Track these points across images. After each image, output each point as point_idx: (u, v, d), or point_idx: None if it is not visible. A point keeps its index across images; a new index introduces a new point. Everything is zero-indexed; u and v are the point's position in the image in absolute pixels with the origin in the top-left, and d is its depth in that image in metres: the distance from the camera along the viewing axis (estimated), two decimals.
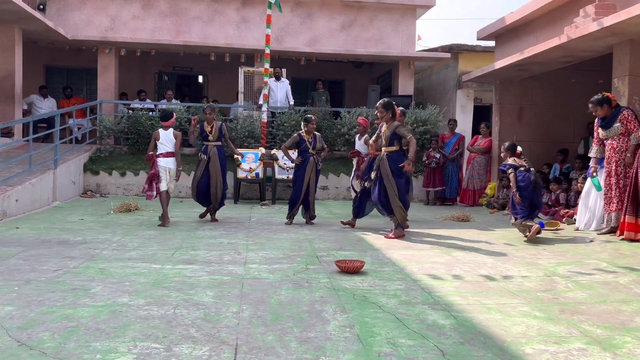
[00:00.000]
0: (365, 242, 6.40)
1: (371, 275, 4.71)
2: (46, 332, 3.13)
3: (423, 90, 15.96)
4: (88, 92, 14.96)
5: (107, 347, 2.93)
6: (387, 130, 6.70)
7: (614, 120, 6.80)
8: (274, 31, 12.23)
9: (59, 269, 4.64)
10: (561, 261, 5.42)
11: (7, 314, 3.43)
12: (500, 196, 10.27)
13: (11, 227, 6.79)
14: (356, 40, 14.10)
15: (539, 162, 10.80)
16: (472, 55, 13.80)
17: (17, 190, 7.87)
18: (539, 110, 11.30)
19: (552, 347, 3.08)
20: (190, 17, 13.62)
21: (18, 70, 11.24)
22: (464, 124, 13.42)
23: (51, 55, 14.31)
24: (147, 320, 3.37)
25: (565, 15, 9.29)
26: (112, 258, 5.16)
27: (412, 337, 3.20)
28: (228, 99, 14.36)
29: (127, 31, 13.32)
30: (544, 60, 9.22)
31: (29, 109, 12.59)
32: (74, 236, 6.27)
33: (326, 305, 3.78)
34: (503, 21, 11.25)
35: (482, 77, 11.31)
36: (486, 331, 3.32)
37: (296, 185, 7.77)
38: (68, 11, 13.18)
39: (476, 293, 4.19)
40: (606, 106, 6.84)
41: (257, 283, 4.36)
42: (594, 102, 6.92)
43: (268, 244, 6.15)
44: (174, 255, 5.35)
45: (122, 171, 11.16)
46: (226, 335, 3.16)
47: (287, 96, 12.54)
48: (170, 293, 3.99)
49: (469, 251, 5.89)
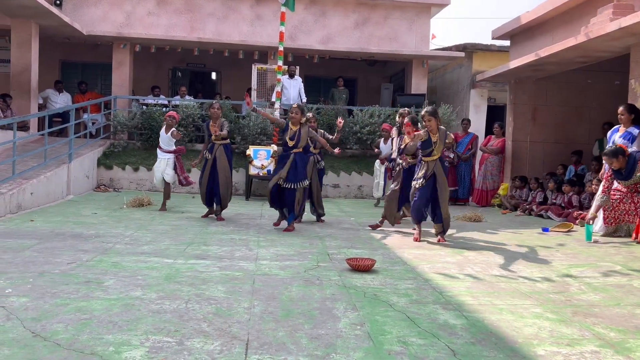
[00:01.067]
0: (376, 241, 6.39)
1: (382, 273, 4.70)
2: (60, 324, 3.16)
3: (436, 89, 15.89)
4: (102, 87, 15.08)
5: (119, 339, 2.96)
6: (440, 136, 6.33)
7: (633, 170, 6.56)
8: (288, 29, 12.24)
9: (73, 262, 4.69)
10: (574, 263, 5.37)
11: (22, 305, 3.47)
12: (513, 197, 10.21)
13: (26, 220, 6.87)
14: (370, 38, 14.07)
15: (553, 163, 10.72)
16: (487, 55, 13.72)
17: (32, 184, 7.96)
18: (553, 110, 11.20)
19: (565, 349, 3.05)
20: (205, 14, 13.67)
21: (34, 65, 11.36)
22: (477, 124, 13.35)
23: (67, 51, 14.44)
24: (159, 314, 3.39)
25: (582, 15, 9.19)
26: (125, 252, 5.21)
27: (423, 336, 3.19)
28: (241, 96, 14.40)
29: (142, 27, 13.40)
30: (559, 60, 9.14)
31: (44, 103, 12.72)
32: (87, 230, 6.33)
33: (337, 303, 3.78)
34: (518, 20, 11.16)
35: (497, 77, 11.24)
36: (498, 332, 3.31)
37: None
38: (84, 7, 13.29)
39: (488, 293, 4.17)
40: (621, 157, 6.53)
41: (268, 279, 4.37)
42: (609, 155, 6.60)
43: (279, 240, 6.17)
44: (186, 250, 5.39)
45: (135, 166, 11.24)
46: (237, 330, 3.18)
47: (300, 94, 12.55)
48: (183, 287, 4.02)
49: (481, 251, 5.86)
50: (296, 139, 6.92)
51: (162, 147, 8.37)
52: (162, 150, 8.37)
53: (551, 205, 9.16)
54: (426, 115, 6.29)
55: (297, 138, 6.92)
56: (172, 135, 8.19)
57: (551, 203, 9.24)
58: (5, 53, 13.30)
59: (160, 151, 8.38)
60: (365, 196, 11.58)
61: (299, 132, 6.94)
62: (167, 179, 8.37)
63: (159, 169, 8.37)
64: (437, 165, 6.35)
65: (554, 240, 6.74)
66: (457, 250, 5.87)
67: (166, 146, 8.34)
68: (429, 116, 6.28)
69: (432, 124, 6.27)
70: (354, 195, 11.64)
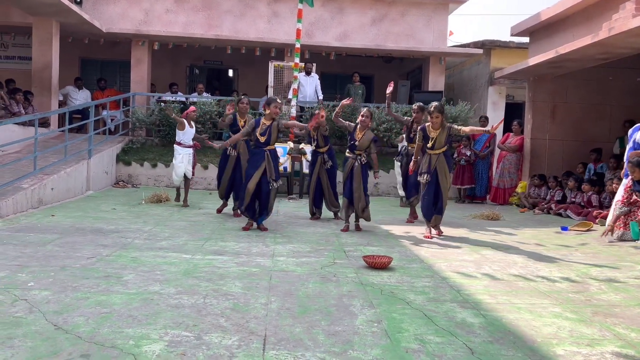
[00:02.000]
0: (392, 238, 6.37)
1: (399, 271, 4.69)
2: (81, 317, 3.21)
3: (454, 87, 15.77)
4: (121, 84, 15.24)
5: (139, 333, 3.00)
6: (442, 132, 6.50)
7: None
8: (305, 26, 12.24)
9: (93, 257, 4.76)
10: (594, 263, 5.30)
11: (43, 298, 3.53)
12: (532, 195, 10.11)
13: (47, 215, 6.98)
14: (387, 35, 14.01)
15: (572, 161, 10.58)
16: (505, 52, 13.58)
17: (53, 179, 8.08)
18: (573, 108, 11.06)
19: (585, 349, 3.02)
20: (222, 11, 13.72)
21: (55, 62, 11.51)
22: (495, 121, 13.16)
23: (86, 48, 14.61)
24: (177, 309, 3.43)
25: (604, 12, 9.04)
26: (144, 247, 5.26)
27: (440, 334, 3.18)
28: (258, 93, 14.44)
29: (160, 24, 13.50)
30: (580, 57, 9.01)
31: (64, 100, 12.89)
32: (107, 225, 6.41)
33: (354, 300, 3.78)
34: (538, 17, 11.02)
35: (515, 74, 11.11)
36: (516, 331, 3.28)
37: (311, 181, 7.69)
38: (103, 4, 13.43)
39: (506, 292, 4.14)
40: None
41: (285, 275, 4.39)
42: (634, 164, 6.51)
43: (295, 237, 6.19)
44: (204, 246, 5.43)
45: (153, 162, 11.34)
46: (255, 325, 3.20)
47: (317, 91, 12.55)
48: (200, 283, 4.05)
49: (499, 250, 5.81)
50: (267, 135, 6.49)
51: (183, 142, 8.42)
52: (183, 146, 8.41)
53: (570, 204, 9.05)
54: (435, 111, 6.42)
55: (268, 133, 6.49)
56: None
57: (570, 202, 9.12)
58: (27, 50, 13.50)
59: (181, 147, 8.42)
60: (381, 194, 11.56)
61: (270, 128, 6.51)
62: (189, 175, 8.53)
63: (181, 164, 8.41)
64: (439, 158, 6.53)
65: (573, 240, 6.67)
66: (474, 249, 5.83)
67: (188, 141, 8.43)
68: (437, 113, 6.41)
69: (437, 120, 6.44)
70: (370, 192, 11.60)
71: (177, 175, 8.51)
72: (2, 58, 14.70)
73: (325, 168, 7.58)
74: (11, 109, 10.11)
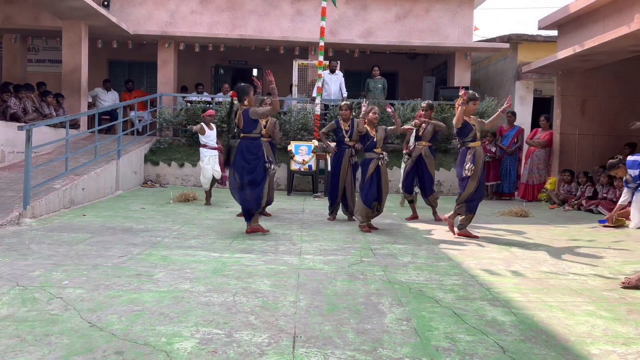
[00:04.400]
0: (420, 236, 6.33)
1: (427, 269, 4.66)
2: (114, 315, 3.28)
3: (480, 82, 15.57)
4: (148, 85, 15.47)
5: (171, 331, 3.04)
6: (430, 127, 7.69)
7: None
8: (328, 23, 12.21)
9: (124, 255, 4.85)
10: (628, 260, 5.18)
11: (78, 296, 3.62)
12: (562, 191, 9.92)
13: (78, 215, 7.13)
14: (411, 31, 13.90)
15: (603, 156, 10.35)
16: (532, 46, 13.35)
17: (83, 179, 8.25)
18: (603, 102, 10.81)
19: (620, 348, 2.96)
20: (247, 11, 13.80)
21: (84, 65, 11.74)
22: (523, 117, 13.02)
23: (114, 50, 14.86)
24: (208, 307, 3.47)
25: (635, 2, 8.81)
26: (173, 246, 5.34)
27: (471, 332, 3.15)
28: (282, 92, 14.47)
29: (185, 26, 13.65)
30: (611, 49, 8.80)
31: (93, 102, 13.14)
32: (136, 224, 6.51)
33: (382, 298, 3.77)
34: (567, 9, 10.79)
35: (543, 68, 10.92)
36: (548, 329, 3.23)
37: (332, 178, 7.38)
38: (130, 6, 13.64)
39: (537, 290, 4.08)
40: None
41: (313, 273, 4.40)
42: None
43: (322, 235, 6.19)
44: (232, 244, 5.48)
45: (180, 162, 11.49)
46: (284, 323, 3.22)
47: (341, 89, 12.51)
48: (230, 281, 4.09)
49: (528, 247, 5.73)
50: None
51: (208, 144, 8.53)
52: (208, 148, 8.53)
53: (602, 199, 8.85)
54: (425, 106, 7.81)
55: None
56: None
57: (602, 198, 8.93)
58: (57, 54, 13.81)
59: (206, 149, 8.53)
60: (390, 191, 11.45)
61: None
62: (217, 175, 8.64)
63: (208, 166, 8.52)
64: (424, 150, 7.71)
65: (605, 237, 6.53)
66: (503, 247, 5.75)
67: (212, 142, 8.53)
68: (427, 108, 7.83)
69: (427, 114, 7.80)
70: (396, 190, 11.52)
71: (205, 177, 8.60)
72: (34, 62, 15.07)
73: (351, 163, 7.27)
74: (42, 112, 10.36)
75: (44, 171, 8.02)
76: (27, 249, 4.98)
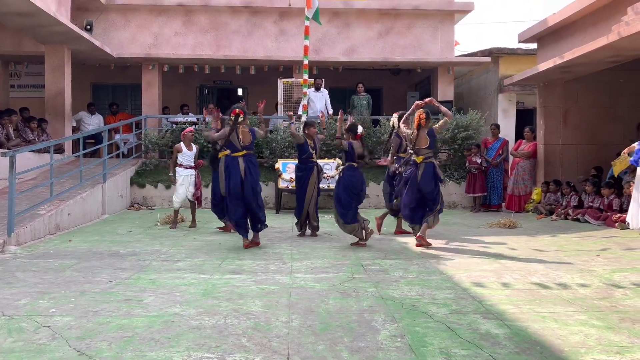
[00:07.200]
0: (410, 251, 6.33)
1: (419, 284, 4.65)
2: (104, 342, 3.21)
3: (463, 96, 15.75)
4: (133, 108, 15.41)
5: (162, 356, 2.99)
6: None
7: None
8: (312, 42, 12.32)
9: (112, 280, 4.77)
10: (617, 268, 5.22)
11: (66, 324, 3.54)
12: (547, 201, 10.01)
13: (64, 240, 7.03)
14: (394, 47, 14.05)
15: (587, 165, 10.49)
16: (513, 59, 13.57)
17: (69, 204, 8.14)
18: (585, 112, 10.99)
19: (614, 357, 2.96)
20: (230, 32, 13.87)
21: (67, 89, 11.68)
22: (506, 129, 13.16)
23: (97, 73, 14.82)
24: (199, 330, 3.42)
25: (612, 15, 9.01)
26: (162, 269, 5.27)
27: (465, 346, 3.14)
28: (267, 110, 14.50)
29: (169, 47, 13.67)
30: (590, 61, 8.97)
31: (77, 126, 13.05)
32: (124, 248, 6.43)
33: (375, 315, 3.75)
34: (545, 23, 11.01)
35: (525, 80, 11.08)
36: (542, 340, 3.23)
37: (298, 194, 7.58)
38: (113, 30, 13.64)
39: (529, 301, 4.08)
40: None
41: (304, 292, 4.37)
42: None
43: (312, 253, 6.16)
44: (222, 265, 5.42)
45: (167, 184, 11.40)
46: (277, 344, 3.18)
47: (326, 106, 12.57)
48: (220, 303, 4.04)
49: (518, 258, 5.75)
50: None
51: (183, 163, 8.41)
52: (182, 167, 8.40)
53: (588, 208, 8.94)
54: None
55: None
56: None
57: (587, 206, 9.01)
58: (39, 79, 13.71)
59: (182, 168, 8.40)
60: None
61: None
62: (190, 196, 8.50)
63: (182, 186, 8.40)
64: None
65: (593, 245, 6.58)
66: (493, 259, 5.77)
67: (188, 162, 8.46)
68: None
69: None
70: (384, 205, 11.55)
71: (177, 197, 8.46)
72: (16, 87, 14.96)
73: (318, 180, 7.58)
74: (26, 137, 10.26)
75: (28, 197, 7.91)
76: (12, 277, 4.89)
